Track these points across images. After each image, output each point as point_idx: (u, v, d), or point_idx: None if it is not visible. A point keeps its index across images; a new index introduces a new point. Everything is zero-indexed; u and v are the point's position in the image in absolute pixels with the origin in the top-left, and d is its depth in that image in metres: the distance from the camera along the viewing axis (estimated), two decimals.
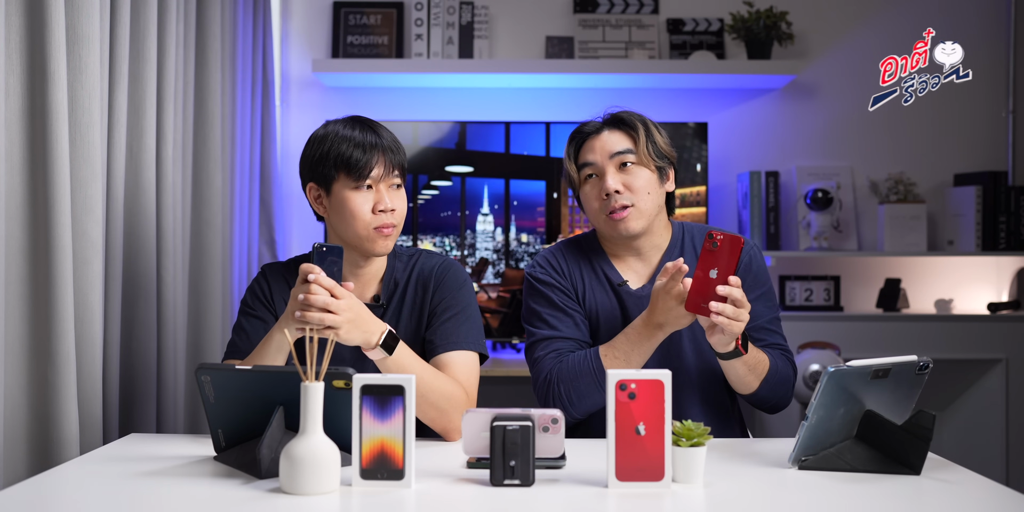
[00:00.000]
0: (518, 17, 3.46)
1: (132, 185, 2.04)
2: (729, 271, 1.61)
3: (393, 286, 1.82)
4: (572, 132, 1.93)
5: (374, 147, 1.72)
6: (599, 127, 1.90)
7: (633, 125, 1.87)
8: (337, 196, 1.73)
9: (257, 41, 2.98)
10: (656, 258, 1.92)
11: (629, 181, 1.84)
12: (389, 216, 1.72)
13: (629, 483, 1.33)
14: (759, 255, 1.92)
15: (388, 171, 1.73)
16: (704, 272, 1.62)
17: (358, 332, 1.59)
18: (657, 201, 1.87)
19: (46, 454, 1.63)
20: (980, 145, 3.46)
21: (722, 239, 1.61)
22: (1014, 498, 1.31)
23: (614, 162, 1.85)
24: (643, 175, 1.85)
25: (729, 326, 1.61)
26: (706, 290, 1.62)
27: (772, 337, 1.89)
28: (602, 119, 1.92)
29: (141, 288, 2.05)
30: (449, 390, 1.68)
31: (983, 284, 3.47)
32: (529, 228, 3.28)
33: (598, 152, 1.87)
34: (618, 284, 1.89)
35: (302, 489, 1.29)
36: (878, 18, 3.46)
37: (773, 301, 1.92)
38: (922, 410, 1.43)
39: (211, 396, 1.46)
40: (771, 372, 1.79)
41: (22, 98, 1.61)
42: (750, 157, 3.45)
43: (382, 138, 1.74)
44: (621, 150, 1.85)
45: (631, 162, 1.85)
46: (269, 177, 3.12)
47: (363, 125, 1.75)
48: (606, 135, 1.88)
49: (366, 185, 1.71)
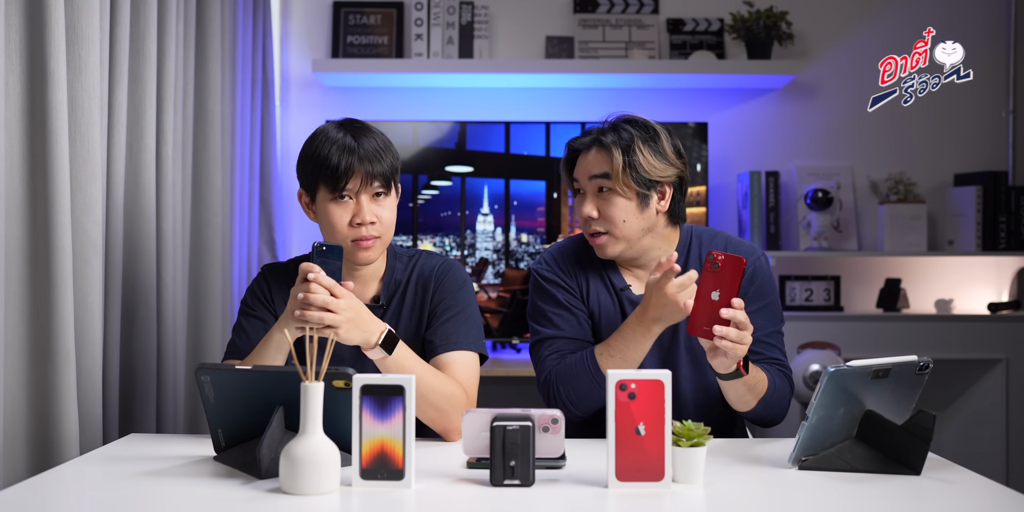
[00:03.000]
0: (518, 17, 3.46)
1: (132, 185, 2.04)
2: (732, 293, 1.57)
3: (393, 286, 1.82)
4: (568, 142, 1.88)
5: (351, 157, 1.68)
6: (588, 144, 1.83)
7: (611, 152, 1.78)
8: (320, 206, 1.74)
9: (257, 41, 2.98)
10: None
11: (604, 208, 1.79)
12: (367, 228, 1.71)
13: (629, 483, 1.33)
14: (765, 266, 1.87)
15: (366, 183, 1.70)
16: (706, 293, 1.58)
17: (358, 331, 1.59)
18: (638, 226, 1.80)
19: (46, 454, 1.62)
20: (980, 145, 3.46)
21: (723, 260, 1.57)
22: (1014, 498, 1.31)
23: (592, 185, 1.81)
24: (618, 203, 1.78)
25: (732, 349, 1.57)
26: (708, 312, 1.58)
27: (771, 351, 1.85)
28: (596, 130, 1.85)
29: (141, 288, 2.05)
30: (449, 390, 1.68)
31: (983, 284, 3.46)
32: (529, 228, 3.28)
33: (580, 172, 1.83)
34: (620, 288, 1.88)
35: (302, 489, 1.29)
36: (878, 18, 3.46)
37: (776, 314, 1.87)
38: (922, 410, 1.43)
39: (211, 396, 1.46)
40: (769, 391, 1.76)
41: (22, 98, 1.61)
42: (750, 157, 3.44)
43: (363, 147, 1.70)
44: (597, 174, 1.80)
45: (607, 188, 1.80)
46: (269, 177, 3.12)
47: (349, 132, 1.72)
48: (592, 155, 1.81)
49: (344, 196, 1.71)
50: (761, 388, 1.74)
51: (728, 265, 1.57)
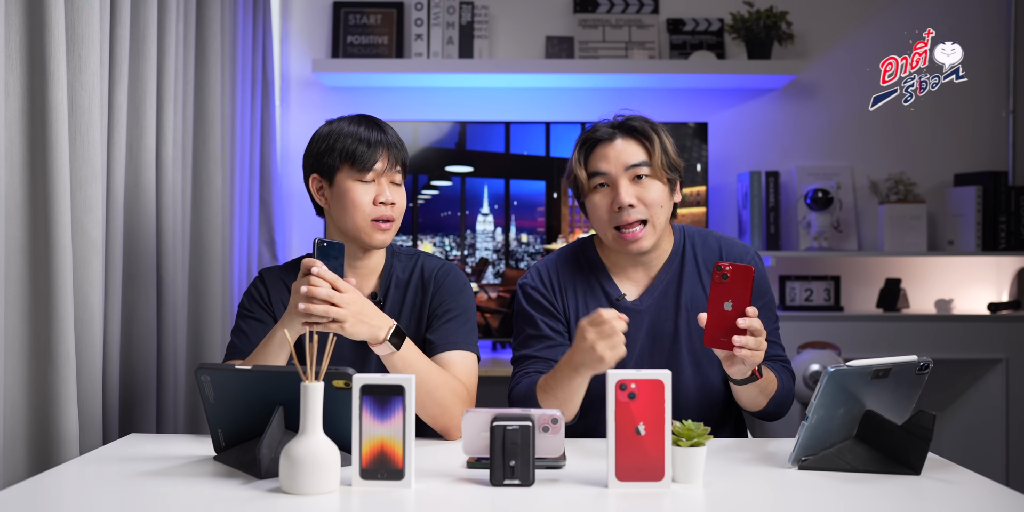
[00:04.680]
0: (518, 17, 3.46)
1: (132, 185, 2.04)
2: (745, 301, 1.57)
3: (391, 283, 1.82)
4: (582, 135, 1.85)
5: (379, 142, 1.74)
6: (612, 133, 1.82)
7: (648, 135, 1.80)
8: (339, 187, 1.74)
9: (257, 41, 2.98)
10: (657, 266, 1.87)
11: (643, 194, 1.78)
12: (388, 209, 1.74)
13: (629, 483, 1.33)
14: (760, 266, 1.86)
15: (391, 166, 1.75)
16: (718, 305, 1.58)
17: (364, 326, 1.59)
18: (668, 214, 1.82)
19: (46, 454, 1.63)
20: (980, 145, 3.46)
21: (731, 270, 1.57)
22: (1014, 498, 1.31)
23: (628, 174, 1.79)
24: (656, 188, 1.79)
25: (751, 357, 1.57)
26: (724, 323, 1.58)
27: (772, 348, 1.84)
28: (610, 123, 1.84)
29: (141, 288, 2.05)
30: (453, 387, 1.69)
31: (983, 284, 3.46)
32: (529, 228, 3.28)
33: (612, 162, 1.80)
34: (616, 299, 1.86)
35: (302, 489, 1.29)
36: (878, 18, 3.46)
37: (773, 311, 1.88)
38: (922, 410, 1.43)
39: (211, 396, 1.46)
40: (778, 390, 1.78)
41: (22, 98, 1.61)
42: (750, 157, 3.44)
43: (387, 134, 1.77)
44: (636, 163, 1.79)
45: (645, 174, 1.79)
46: (269, 177, 3.12)
47: (369, 122, 1.78)
48: (620, 144, 1.80)
49: (369, 178, 1.73)
50: (772, 388, 1.75)
51: (737, 275, 1.57)
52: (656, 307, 1.85)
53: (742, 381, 1.67)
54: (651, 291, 1.86)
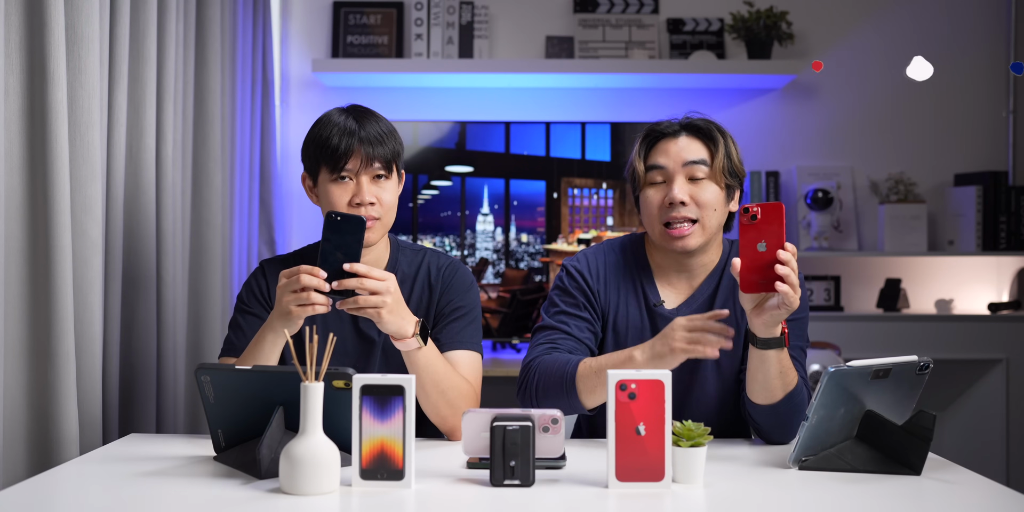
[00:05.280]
0: (518, 17, 3.46)
1: (132, 185, 2.04)
2: (779, 240, 1.51)
3: (397, 278, 1.81)
4: (646, 129, 1.83)
5: (351, 140, 1.69)
6: (677, 130, 1.80)
7: (713, 137, 1.77)
8: (321, 187, 1.74)
9: (257, 41, 2.98)
10: (702, 277, 1.82)
11: (697, 194, 1.75)
12: (367, 209, 1.71)
13: (629, 483, 1.33)
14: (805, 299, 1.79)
15: (366, 163, 1.71)
16: (751, 248, 1.53)
17: (397, 317, 1.58)
18: (720, 219, 1.78)
19: (46, 454, 1.62)
20: (980, 145, 3.46)
21: (759, 210, 1.52)
22: (1014, 498, 1.31)
23: (686, 171, 1.76)
24: (711, 190, 1.75)
25: (789, 295, 1.51)
26: (759, 266, 1.52)
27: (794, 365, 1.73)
28: (679, 122, 1.82)
29: (141, 288, 2.05)
30: (464, 388, 1.69)
31: (983, 284, 3.46)
32: (529, 228, 3.28)
33: (672, 157, 1.77)
34: (654, 305, 1.81)
35: (302, 489, 1.29)
36: (878, 18, 3.46)
37: (803, 331, 1.81)
38: (922, 410, 1.43)
39: (211, 396, 1.46)
40: (796, 389, 1.66)
41: (22, 98, 1.61)
42: (750, 157, 3.44)
43: (364, 129, 1.71)
44: (695, 160, 1.76)
45: (703, 175, 1.76)
46: (269, 177, 3.12)
47: (352, 116, 1.74)
48: (683, 141, 1.78)
49: (344, 176, 1.71)
50: (790, 379, 1.65)
51: (767, 214, 1.52)
52: None
53: (768, 343, 1.59)
54: (690, 303, 1.81)
